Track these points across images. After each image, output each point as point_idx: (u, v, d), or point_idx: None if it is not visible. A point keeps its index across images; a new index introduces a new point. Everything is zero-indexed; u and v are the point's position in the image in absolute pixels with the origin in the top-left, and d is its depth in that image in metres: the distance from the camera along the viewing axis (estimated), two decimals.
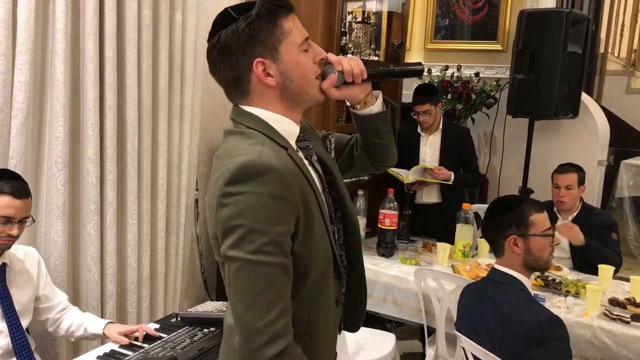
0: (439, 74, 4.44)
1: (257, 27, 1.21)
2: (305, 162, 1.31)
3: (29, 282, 2.16)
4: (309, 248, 1.21)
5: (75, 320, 2.23)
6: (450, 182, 3.54)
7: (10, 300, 2.06)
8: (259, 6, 1.22)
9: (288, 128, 1.29)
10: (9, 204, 1.98)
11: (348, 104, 1.44)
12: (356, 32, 3.61)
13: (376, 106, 1.44)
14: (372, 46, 3.73)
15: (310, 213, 1.21)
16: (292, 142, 1.30)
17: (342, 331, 1.48)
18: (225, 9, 1.25)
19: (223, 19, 1.23)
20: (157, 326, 2.25)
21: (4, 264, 2.07)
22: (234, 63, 1.23)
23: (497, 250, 2.09)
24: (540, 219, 2.01)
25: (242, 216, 1.12)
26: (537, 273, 2.69)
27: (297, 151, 1.31)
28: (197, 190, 3.19)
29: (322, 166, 1.37)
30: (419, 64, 1.44)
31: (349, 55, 1.39)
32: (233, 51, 1.21)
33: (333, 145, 1.50)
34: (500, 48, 4.44)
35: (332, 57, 1.34)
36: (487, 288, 2.08)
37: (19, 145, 2.24)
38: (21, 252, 2.13)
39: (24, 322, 2.10)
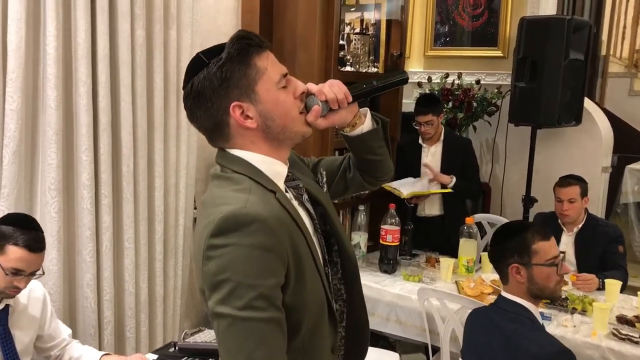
0: (439, 81, 4.39)
1: (229, 69, 1.16)
2: (295, 202, 1.26)
3: (33, 322, 2.10)
4: (301, 297, 1.16)
5: (74, 355, 2.18)
6: (450, 186, 3.49)
7: (12, 343, 2.00)
8: (228, 48, 1.17)
9: (275, 169, 1.23)
10: (21, 257, 1.91)
11: (337, 127, 1.39)
12: (354, 44, 3.55)
13: (366, 124, 1.39)
14: (371, 57, 3.67)
15: (300, 260, 1.16)
16: (281, 184, 1.24)
17: None
18: (197, 54, 1.20)
19: (194, 65, 1.19)
20: (155, 357, 2.20)
21: (7, 305, 2.01)
22: (210, 109, 1.18)
23: (502, 277, 2.04)
24: (544, 247, 1.96)
25: (228, 270, 1.07)
26: None
27: (287, 191, 1.25)
28: (195, 209, 3.13)
29: (313, 202, 1.32)
30: (403, 72, 1.39)
31: (329, 81, 1.32)
32: (207, 97, 1.17)
33: (325, 179, 1.44)
34: (501, 54, 4.38)
35: (312, 87, 1.28)
36: (495, 315, 2.03)
37: (11, 174, 2.19)
38: (25, 291, 2.05)
39: None
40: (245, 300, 1.06)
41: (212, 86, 1.16)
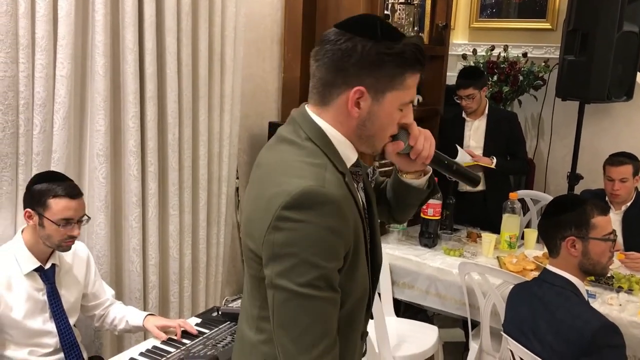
0: (485, 54, 4.29)
1: (388, 62, 1.13)
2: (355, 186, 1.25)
3: (78, 281, 2.17)
4: (351, 281, 1.17)
5: (118, 314, 2.25)
6: (493, 167, 3.41)
7: (60, 301, 2.07)
8: (404, 47, 1.13)
9: (348, 153, 1.22)
10: (66, 206, 1.98)
11: (394, 166, 1.39)
12: (399, 14, 3.49)
13: (419, 181, 1.39)
14: (415, 28, 3.61)
15: (358, 246, 1.17)
16: (348, 167, 1.23)
17: (385, 323, 1.42)
18: (377, 18, 1.16)
19: (367, 27, 1.13)
20: (199, 321, 2.25)
21: (53, 264, 2.08)
22: (340, 71, 1.14)
23: (552, 250, 1.99)
24: (602, 223, 1.91)
25: (296, 245, 1.07)
26: None
27: (351, 176, 1.24)
28: (237, 178, 3.16)
29: (365, 195, 1.32)
30: (478, 176, 1.42)
31: (427, 132, 1.30)
32: (350, 62, 1.12)
33: (375, 175, 1.44)
34: (550, 27, 4.25)
35: (413, 129, 1.27)
36: (538, 290, 2.00)
37: (61, 139, 2.24)
38: (70, 252, 2.12)
39: (72, 320, 2.12)
40: (306, 278, 1.07)
41: (362, 60, 1.12)
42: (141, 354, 2.01)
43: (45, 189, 1.97)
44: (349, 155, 1.22)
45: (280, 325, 1.12)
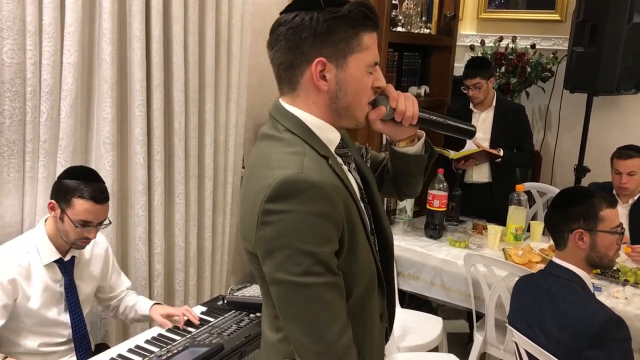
0: (493, 45, 4.26)
1: (338, 25, 1.12)
2: (345, 168, 1.24)
3: (96, 273, 2.18)
4: (353, 264, 1.16)
5: (129, 303, 2.27)
6: (500, 157, 3.39)
7: (76, 293, 2.08)
8: (350, 7, 1.13)
9: (329, 135, 1.20)
10: (88, 210, 1.96)
11: (386, 139, 1.36)
12: (407, 4, 3.47)
13: (415, 147, 1.36)
14: (423, 18, 3.59)
15: (354, 227, 1.15)
16: (332, 150, 1.22)
17: None
18: None
19: (309, 1, 1.13)
20: (204, 309, 2.26)
21: (72, 257, 2.08)
22: (296, 49, 1.14)
23: (559, 242, 1.98)
24: (610, 215, 1.90)
25: (285, 236, 1.06)
26: None
27: (336, 159, 1.23)
28: (243, 168, 3.16)
29: (360, 176, 1.30)
30: (472, 126, 1.37)
31: (406, 94, 1.27)
32: (302, 37, 1.13)
33: (369, 155, 1.40)
34: (559, 18, 4.22)
35: (390, 90, 1.25)
36: (544, 282, 1.99)
37: (68, 126, 2.24)
38: (90, 245, 2.12)
39: (85, 311, 2.13)
40: (303, 267, 1.06)
41: (313, 31, 1.12)
42: (147, 341, 2.02)
43: (73, 187, 1.96)
44: (330, 137, 1.21)
45: (288, 319, 1.11)
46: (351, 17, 1.13)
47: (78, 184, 1.96)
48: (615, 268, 2.67)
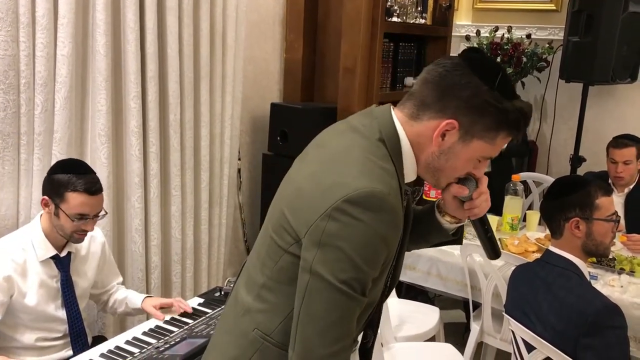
0: (488, 35, 4.25)
1: (491, 114, 1.12)
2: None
3: (92, 268, 2.17)
4: (370, 293, 1.17)
5: (119, 297, 2.26)
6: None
7: (73, 289, 2.07)
8: (512, 109, 1.13)
9: (409, 171, 1.21)
10: (83, 202, 1.94)
11: (438, 202, 1.39)
12: None
13: (452, 225, 1.39)
14: (418, 8, 3.57)
15: (389, 260, 1.18)
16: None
17: (386, 304, 1.43)
18: (501, 68, 1.15)
19: (488, 72, 1.13)
20: (201, 300, 2.26)
21: (69, 252, 2.07)
22: (444, 98, 1.13)
23: (555, 231, 1.99)
24: (606, 203, 1.91)
25: (346, 241, 1.07)
26: None
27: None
28: (239, 160, 3.16)
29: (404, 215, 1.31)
30: (500, 252, 1.41)
31: (487, 196, 1.31)
32: (456, 94, 1.12)
33: (418, 197, 1.41)
34: (554, 8, 4.21)
35: (483, 184, 1.27)
36: (541, 271, 1.99)
37: (63, 119, 2.23)
38: (86, 240, 2.10)
39: (81, 306, 2.12)
40: (347, 276, 1.08)
41: (470, 99, 1.12)
42: (144, 333, 2.02)
43: (65, 181, 1.94)
44: (410, 173, 1.22)
45: (307, 312, 1.11)
46: (507, 117, 1.13)
47: (70, 177, 1.94)
48: (611, 257, 2.68)
